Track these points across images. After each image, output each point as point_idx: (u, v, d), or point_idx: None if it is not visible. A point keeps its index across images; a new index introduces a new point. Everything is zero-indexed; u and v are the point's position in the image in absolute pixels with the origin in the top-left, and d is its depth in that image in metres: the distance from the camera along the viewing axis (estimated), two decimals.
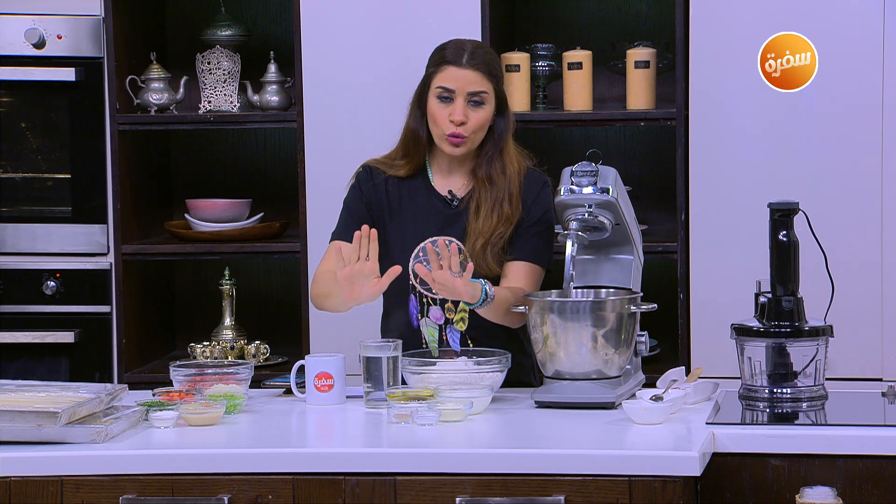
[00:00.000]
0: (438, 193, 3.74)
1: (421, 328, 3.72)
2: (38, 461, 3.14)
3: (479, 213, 3.66)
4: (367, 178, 3.75)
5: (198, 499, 3.12)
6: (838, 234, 4.23)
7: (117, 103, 4.72)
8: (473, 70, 3.64)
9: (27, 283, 4.79)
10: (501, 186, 3.68)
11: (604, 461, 3.07)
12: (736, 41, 4.40)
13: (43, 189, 4.80)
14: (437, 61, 3.68)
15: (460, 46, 3.68)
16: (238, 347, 4.74)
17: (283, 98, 4.81)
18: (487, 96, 3.65)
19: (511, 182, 3.69)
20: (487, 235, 3.65)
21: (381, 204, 3.73)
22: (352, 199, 3.77)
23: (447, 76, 3.64)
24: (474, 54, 3.65)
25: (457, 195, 3.73)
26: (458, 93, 3.63)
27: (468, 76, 3.64)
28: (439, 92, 3.64)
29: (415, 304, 3.73)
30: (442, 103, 3.64)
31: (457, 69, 3.64)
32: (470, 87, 3.64)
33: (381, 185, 3.74)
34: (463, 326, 3.72)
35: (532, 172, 3.76)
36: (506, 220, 3.67)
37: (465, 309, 3.67)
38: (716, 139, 4.43)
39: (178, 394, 3.49)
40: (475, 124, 3.65)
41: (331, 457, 3.16)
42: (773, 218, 3.47)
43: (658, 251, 4.51)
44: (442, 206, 3.73)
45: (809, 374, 3.43)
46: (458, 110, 3.62)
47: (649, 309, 3.53)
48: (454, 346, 3.70)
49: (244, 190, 4.96)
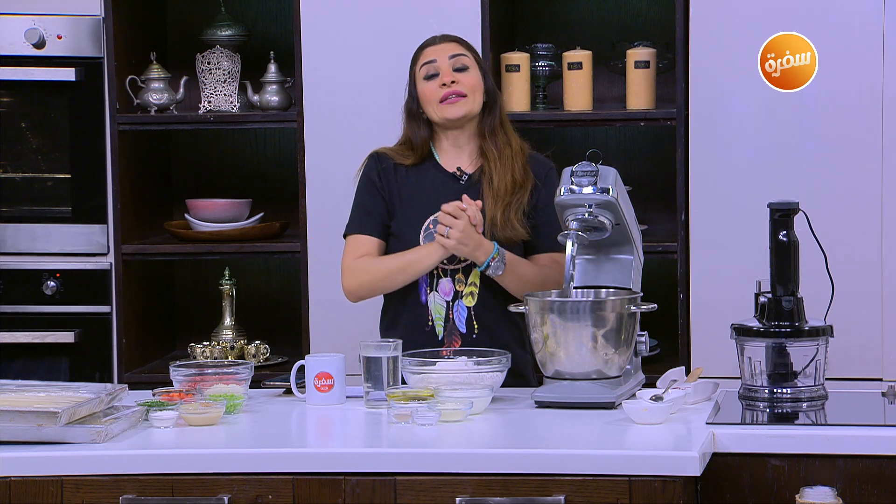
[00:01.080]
0: (447, 171, 3.83)
1: (428, 304, 3.76)
2: (39, 461, 3.14)
3: (493, 181, 3.77)
4: (376, 165, 3.85)
5: (198, 499, 3.12)
6: (838, 233, 4.23)
7: (117, 103, 4.72)
8: (449, 42, 3.86)
9: (27, 283, 4.79)
10: (509, 155, 3.81)
11: (604, 461, 3.07)
12: (736, 41, 4.40)
13: (43, 189, 4.80)
14: (415, 55, 3.89)
15: (432, 36, 3.90)
16: (238, 347, 4.74)
17: (283, 98, 4.81)
18: (469, 60, 3.83)
19: (517, 154, 3.83)
20: (507, 199, 3.76)
21: (391, 187, 3.82)
22: (364, 190, 3.84)
23: (427, 53, 3.84)
24: (447, 35, 3.89)
25: (465, 171, 3.82)
26: (441, 60, 3.81)
27: (446, 46, 3.84)
28: (425, 70, 3.81)
29: (425, 276, 3.76)
30: (430, 81, 3.80)
31: (433, 46, 3.85)
32: (450, 52, 3.82)
33: (390, 170, 3.83)
34: (472, 301, 3.77)
35: (536, 156, 3.88)
36: (521, 186, 3.79)
37: (476, 282, 3.72)
38: (716, 139, 4.43)
39: (178, 394, 3.49)
40: (467, 83, 3.79)
41: (331, 457, 3.16)
42: (773, 218, 3.47)
43: (658, 251, 4.51)
44: (452, 182, 3.82)
45: (809, 374, 3.43)
46: (446, 72, 3.79)
47: (649, 309, 3.53)
48: (459, 326, 3.75)
49: (244, 190, 4.96)
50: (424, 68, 3.80)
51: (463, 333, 3.77)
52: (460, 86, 3.78)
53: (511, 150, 3.81)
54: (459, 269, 3.77)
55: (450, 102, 3.77)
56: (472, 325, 3.77)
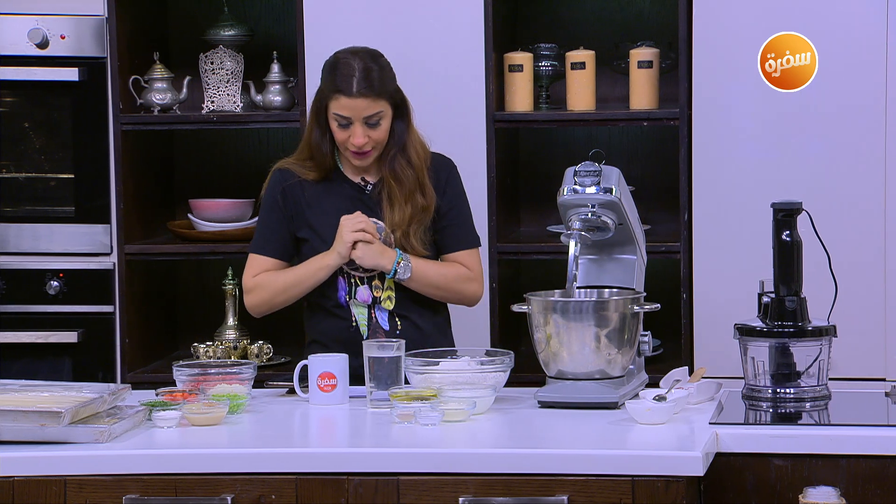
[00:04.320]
0: (351, 181, 3.90)
1: (350, 307, 3.83)
2: (42, 461, 3.14)
3: (392, 207, 3.84)
4: (280, 182, 3.91)
5: (201, 499, 3.12)
6: (842, 233, 4.23)
7: (120, 103, 4.72)
8: (364, 98, 3.78)
9: (30, 282, 4.79)
10: (410, 179, 3.85)
11: (607, 461, 3.07)
12: (739, 41, 4.39)
13: (46, 189, 4.80)
14: (329, 86, 3.82)
15: (349, 72, 3.79)
16: (241, 347, 4.74)
17: (286, 98, 4.81)
18: (383, 114, 3.83)
19: (419, 172, 3.86)
20: (405, 226, 3.83)
21: (299, 202, 3.88)
22: (266, 210, 3.92)
23: (341, 106, 3.80)
24: (364, 78, 3.79)
25: (369, 181, 3.89)
26: (355, 119, 3.81)
27: (360, 104, 3.79)
28: (337, 119, 3.81)
29: (343, 284, 3.85)
30: (341, 128, 3.82)
31: (348, 99, 3.79)
32: (364, 112, 3.79)
33: (296, 187, 3.90)
34: (390, 305, 3.85)
35: (438, 158, 3.94)
36: (422, 210, 3.85)
37: (392, 287, 3.81)
38: (719, 139, 4.43)
39: (181, 394, 3.49)
40: (375, 140, 3.82)
41: (334, 457, 3.16)
42: (777, 218, 3.46)
43: (661, 251, 4.51)
44: (356, 192, 3.89)
45: (813, 374, 3.43)
46: (358, 135, 3.80)
47: (652, 309, 3.53)
48: (383, 324, 3.84)
49: (247, 190, 4.95)
50: (338, 117, 3.81)
51: (386, 331, 3.85)
52: (370, 143, 3.82)
53: (413, 171, 3.85)
54: (375, 276, 3.85)
55: (358, 156, 3.83)
56: (394, 323, 3.86)
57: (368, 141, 3.81)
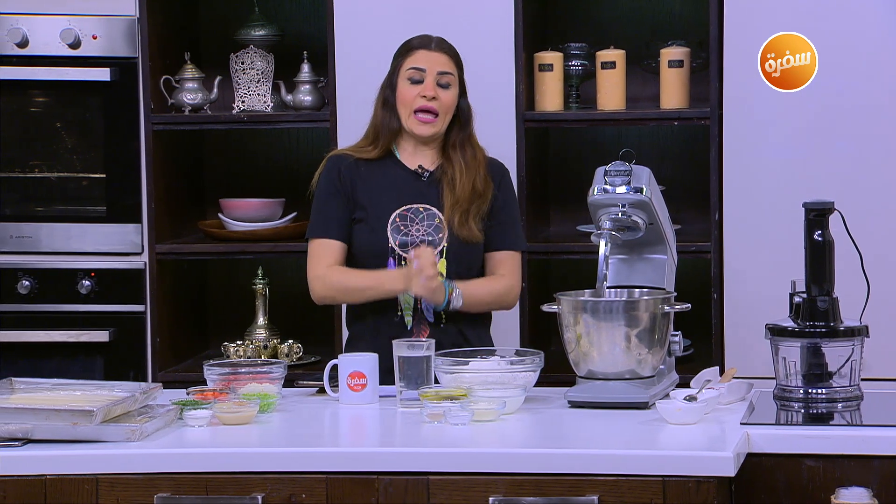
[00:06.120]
0: (408, 168, 3.92)
1: (398, 295, 3.82)
2: (74, 459, 3.15)
3: (454, 188, 3.87)
4: (336, 165, 3.92)
5: (232, 497, 3.13)
6: (874, 233, 4.20)
7: (151, 103, 4.74)
8: (442, 53, 3.92)
9: (62, 282, 4.81)
10: (474, 166, 3.90)
11: (637, 461, 3.07)
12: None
13: (78, 189, 4.82)
14: (404, 50, 3.96)
15: (427, 36, 3.96)
16: (271, 346, 4.75)
17: (316, 98, 4.81)
18: (453, 79, 3.91)
19: (480, 165, 3.91)
20: (466, 205, 3.86)
21: (353, 180, 3.90)
22: (324, 194, 3.92)
23: (418, 58, 3.90)
24: (442, 42, 3.94)
25: (427, 169, 3.90)
26: (429, 72, 3.88)
27: (438, 58, 3.90)
28: (410, 74, 3.87)
29: (393, 267, 3.83)
30: (412, 84, 3.86)
31: (426, 52, 3.91)
32: (439, 66, 3.89)
33: (351, 166, 3.91)
34: None
35: (493, 161, 3.98)
36: (481, 195, 3.88)
37: (442, 275, 3.80)
38: (750, 138, 4.41)
39: (211, 393, 3.50)
40: (445, 103, 3.85)
41: (364, 456, 3.16)
42: (808, 217, 3.45)
43: (692, 251, 4.50)
44: (413, 178, 3.90)
45: (845, 374, 3.42)
46: (430, 86, 3.87)
47: (683, 309, 3.52)
48: (427, 316, 3.84)
49: (277, 189, 4.97)
50: (411, 71, 3.87)
51: (431, 323, 3.85)
52: (437, 103, 3.86)
53: (476, 161, 3.91)
54: None
55: (421, 120, 3.86)
56: (439, 315, 3.84)
57: (436, 100, 3.84)
